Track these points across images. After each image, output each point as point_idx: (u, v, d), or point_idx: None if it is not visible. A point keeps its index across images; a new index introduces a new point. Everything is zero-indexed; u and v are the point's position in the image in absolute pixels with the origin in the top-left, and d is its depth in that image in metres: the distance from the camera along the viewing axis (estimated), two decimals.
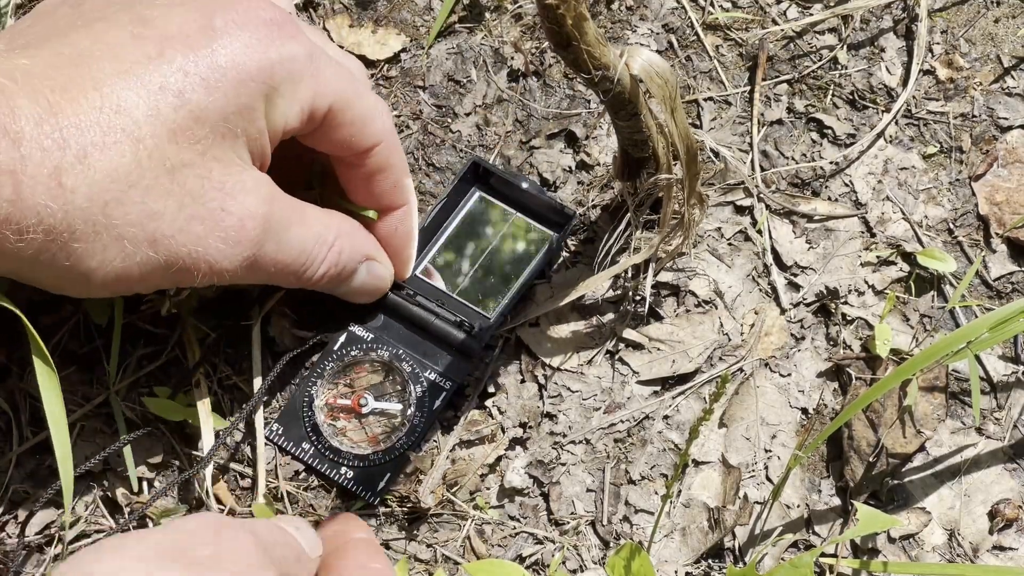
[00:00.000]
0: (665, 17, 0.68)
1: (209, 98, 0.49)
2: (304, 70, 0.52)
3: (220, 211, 0.50)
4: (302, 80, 0.52)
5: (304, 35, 0.53)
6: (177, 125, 0.48)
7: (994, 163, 0.67)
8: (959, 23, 0.69)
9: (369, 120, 0.55)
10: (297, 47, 0.51)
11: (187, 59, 0.49)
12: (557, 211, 0.63)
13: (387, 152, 0.57)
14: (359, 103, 0.55)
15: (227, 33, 0.50)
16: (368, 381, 0.61)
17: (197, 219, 0.49)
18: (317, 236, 0.55)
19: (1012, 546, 0.62)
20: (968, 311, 0.65)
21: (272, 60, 0.50)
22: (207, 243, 0.50)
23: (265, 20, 0.51)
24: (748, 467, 0.62)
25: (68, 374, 0.61)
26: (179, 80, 0.48)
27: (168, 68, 0.48)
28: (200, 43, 0.49)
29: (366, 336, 0.61)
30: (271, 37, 0.51)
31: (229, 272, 0.52)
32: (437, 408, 0.60)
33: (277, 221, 0.52)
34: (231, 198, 0.50)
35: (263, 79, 0.50)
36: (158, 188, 0.48)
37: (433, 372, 0.61)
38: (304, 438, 0.60)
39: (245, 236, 0.51)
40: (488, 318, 0.62)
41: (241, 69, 0.50)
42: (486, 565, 0.55)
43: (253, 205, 0.51)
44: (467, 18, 0.68)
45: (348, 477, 0.59)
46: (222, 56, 0.49)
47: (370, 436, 0.60)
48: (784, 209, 0.66)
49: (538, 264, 0.63)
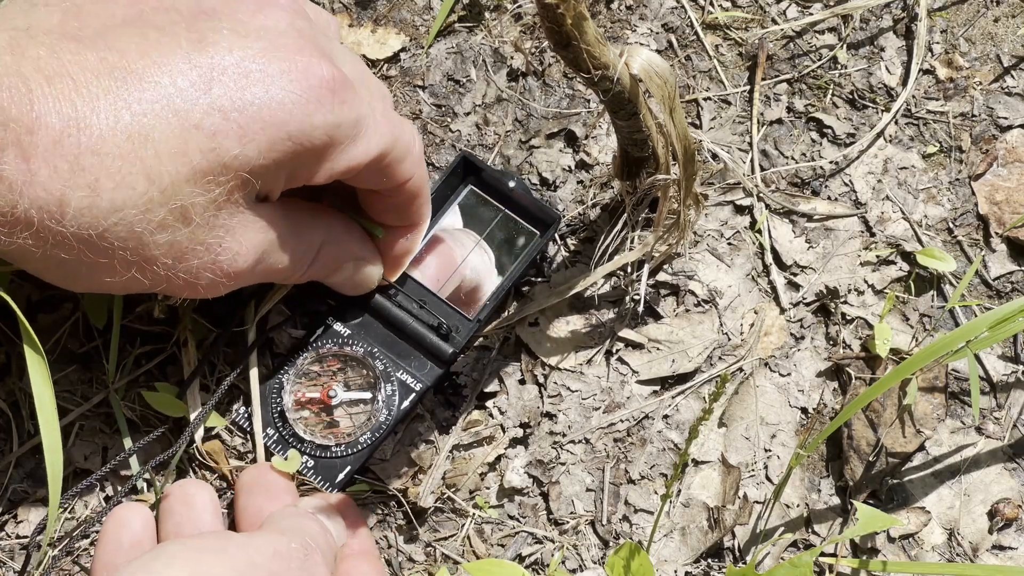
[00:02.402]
0: (665, 17, 0.68)
1: (241, 147, 0.46)
2: (348, 136, 0.50)
3: (218, 247, 0.49)
4: (344, 148, 0.50)
5: (357, 98, 0.50)
6: (201, 169, 0.46)
7: (994, 162, 0.67)
8: (959, 22, 0.69)
9: (404, 158, 0.54)
10: (347, 113, 0.49)
11: (233, 102, 0.46)
12: (544, 212, 0.62)
13: (418, 184, 0.56)
14: (397, 148, 0.53)
15: (280, 86, 0.47)
16: (340, 375, 0.61)
17: (193, 253, 0.48)
18: (309, 243, 0.55)
19: (1012, 545, 0.62)
20: (968, 310, 0.65)
21: (315, 126, 0.48)
22: (198, 274, 0.49)
23: (320, 81, 0.48)
24: (748, 467, 0.62)
25: (67, 373, 0.61)
26: (216, 122, 0.46)
27: (210, 106, 0.46)
28: (251, 88, 0.47)
29: (343, 331, 0.61)
30: (322, 100, 0.48)
31: (213, 294, 0.51)
32: (405, 408, 0.60)
33: (273, 247, 0.52)
34: (230, 236, 0.49)
35: (301, 141, 0.48)
36: (161, 223, 0.47)
37: (405, 372, 0.61)
38: (269, 423, 0.60)
39: (235, 268, 0.50)
40: (468, 319, 0.62)
41: (282, 128, 0.47)
42: (486, 565, 0.55)
43: (251, 241, 0.50)
44: (467, 17, 0.68)
45: (308, 466, 0.60)
46: (268, 110, 0.47)
47: (334, 429, 0.60)
48: (784, 209, 0.66)
49: (522, 266, 0.62)
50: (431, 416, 0.62)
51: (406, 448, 0.61)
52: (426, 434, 0.62)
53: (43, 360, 0.52)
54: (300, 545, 0.51)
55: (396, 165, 0.54)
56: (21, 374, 0.61)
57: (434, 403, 0.62)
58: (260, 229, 0.51)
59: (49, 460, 0.52)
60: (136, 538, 0.55)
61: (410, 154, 0.54)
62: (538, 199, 0.63)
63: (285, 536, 0.51)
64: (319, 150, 0.49)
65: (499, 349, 0.63)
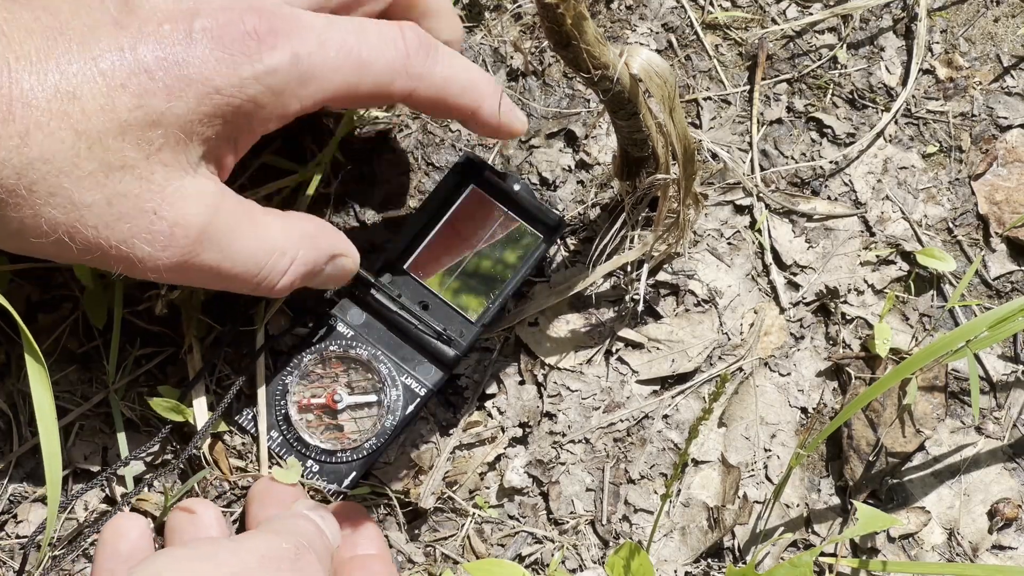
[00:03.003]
0: (664, 16, 0.68)
1: (168, 104, 0.48)
2: (286, 81, 0.50)
3: (152, 214, 0.49)
4: (284, 90, 0.50)
5: (292, 40, 0.50)
6: (129, 124, 0.47)
7: (993, 162, 0.67)
8: (959, 22, 0.69)
9: (389, 80, 0.53)
10: (278, 58, 0.50)
11: (157, 62, 0.48)
12: (547, 216, 0.62)
13: (433, 88, 0.54)
14: (369, 75, 0.52)
15: (201, 43, 0.48)
16: (344, 378, 0.61)
17: (125, 218, 0.48)
18: (273, 247, 0.53)
19: (1011, 545, 0.62)
20: (968, 310, 0.65)
21: (243, 77, 0.49)
22: (132, 242, 0.49)
23: (243, 32, 0.49)
24: (747, 466, 0.62)
25: (67, 373, 0.61)
26: (143, 82, 0.47)
27: (135, 66, 0.47)
28: (174, 47, 0.48)
29: (346, 332, 0.61)
30: (247, 52, 0.49)
31: (155, 273, 0.50)
32: (410, 413, 0.60)
33: (219, 230, 0.51)
34: (167, 203, 0.49)
35: (231, 93, 0.49)
36: (90, 181, 0.47)
37: (410, 377, 0.61)
38: (273, 426, 0.60)
39: (174, 242, 0.50)
40: (471, 323, 0.61)
41: (208, 83, 0.48)
42: (486, 564, 0.55)
43: (191, 212, 0.50)
44: (467, 17, 0.68)
45: (313, 471, 0.60)
46: (192, 67, 0.48)
47: (339, 433, 0.60)
48: (784, 208, 0.66)
49: (525, 270, 0.62)
50: (433, 418, 0.62)
51: (407, 449, 0.61)
52: (427, 435, 0.62)
53: (43, 368, 0.52)
54: (292, 546, 0.50)
55: (382, 90, 0.53)
56: (21, 374, 0.61)
57: (435, 404, 0.62)
58: (204, 202, 0.50)
59: (48, 465, 0.52)
60: (133, 547, 0.55)
61: (398, 72, 0.53)
62: (542, 203, 0.63)
63: (277, 537, 0.51)
64: (257, 100, 0.50)
65: (500, 350, 0.63)
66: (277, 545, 0.50)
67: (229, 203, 0.52)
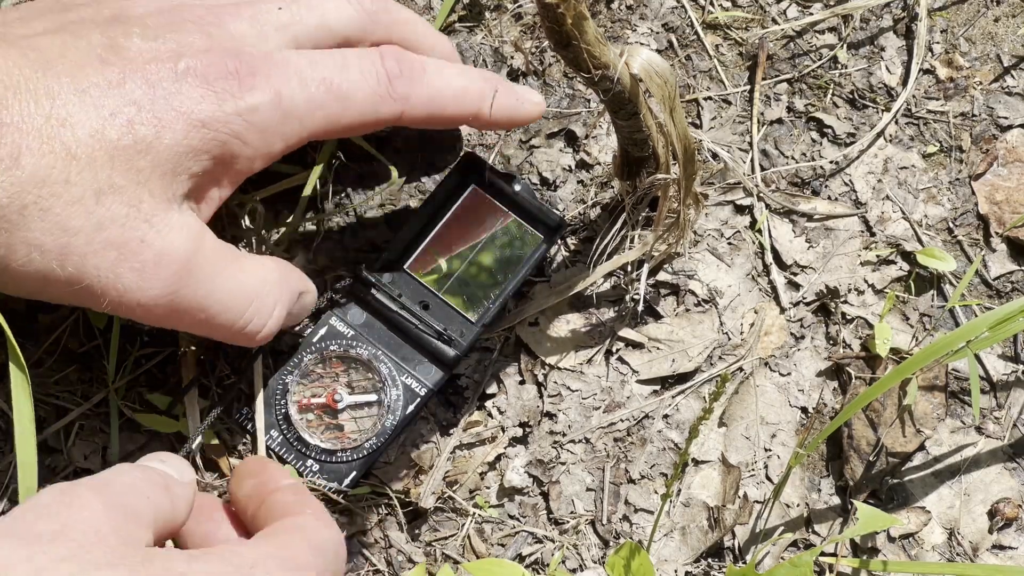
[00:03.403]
0: (665, 16, 0.68)
1: (157, 134, 0.49)
2: (269, 118, 0.51)
3: (139, 241, 0.49)
4: (267, 128, 0.52)
5: (271, 80, 0.52)
6: (119, 150, 0.48)
7: (994, 162, 0.67)
8: (959, 22, 0.69)
9: (375, 108, 0.54)
10: (259, 96, 0.51)
11: (145, 95, 0.49)
12: (548, 216, 0.62)
13: (421, 109, 0.55)
14: (351, 108, 0.54)
15: (187, 80, 0.50)
16: (344, 378, 0.61)
17: (113, 245, 0.49)
18: (256, 290, 0.54)
19: (1012, 545, 0.62)
20: (968, 310, 0.65)
21: (228, 112, 0.50)
22: (118, 271, 0.49)
23: (226, 72, 0.51)
24: (748, 466, 0.62)
25: (67, 373, 0.61)
26: (132, 112, 0.49)
27: (125, 98, 0.49)
28: (161, 83, 0.50)
29: (346, 332, 0.61)
30: (229, 91, 0.50)
31: (142, 307, 0.50)
32: (410, 413, 0.60)
33: (202, 265, 0.51)
34: (155, 231, 0.50)
35: (217, 128, 0.50)
36: (79, 206, 0.48)
37: (410, 377, 0.61)
38: (273, 425, 0.60)
39: (161, 272, 0.50)
40: (472, 323, 0.61)
41: (195, 116, 0.50)
42: (486, 564, 0.55)
43: (177, 243, 0.50)
44: (467, 17, 0.68)
45: (313, 470, 0.60)
46: (179, 101, 0.50)
47: (340, 433, 0.60)
48: (784, 208, 0.66)
49: (525, 271, 0.62)
50: (433, 417, 0.62)
51: (408, 449, 0.61)
52: (427, 435, 0.62)
53: (26, 379, 0.51)
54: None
55: (368, 118, 0.54)
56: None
57: (435, 404, 0.62)
58: (188, 235, 0.51)
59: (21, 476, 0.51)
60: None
61: (382, 98, 0.54)
62: (543, 203, 0.63)
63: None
64: (244, 135, 0.51)
65: (500, 350, 0.63)
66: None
67: (211, 242, 0.52)
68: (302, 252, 0.63)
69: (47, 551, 0.43)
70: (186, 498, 0.51)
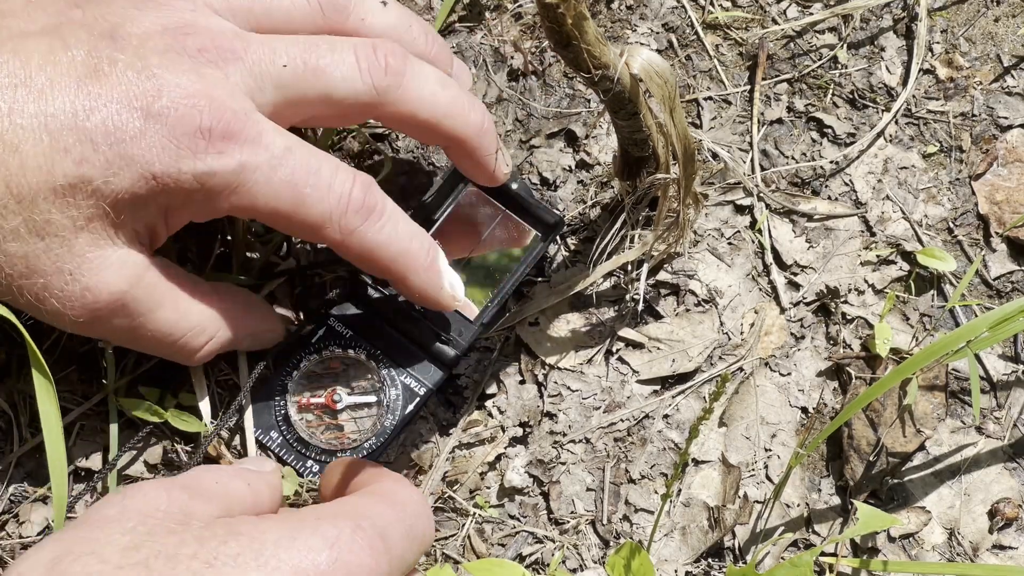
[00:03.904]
0: (665, 16, 0.68)
1: (104, 179, 0.48)
2: (226, 185, 0.50)
3: (67, 275, 0.49)
4: (223, 196, 0.50)
5: (242, 150, 0.50)
6: (62, 189, 0.47)
7: (994, 162, 0.67)
8: (959, 22, 0.69)
9: (327, 223, 0.53)
10: (222, 163, 0.49)
11: (105, 133, 0.48)
12: (546, 214, 0.62)
13: (371, 242, 0.54)
14: (302, 212, 0.52)
15: (153, 125, 0.48)
16: (344, 378, 0.61)
17: (40, 274, 0.49)
18: (191, 324, 0.54)
19: (1012, 545, 0.62)
20: (968, 310, 0.65)
21: (182, 170, 0.49)
22: (42, 296, 0.49)
23: (196, 128, 0.49)
24: (748, 466, 0.62)
25: (67, 373, 0.61)
26: (85, 151, 0.47)
27: (82, 134, 0.47)
28: (127, 122, 0.48)
29: (345, 332, 0.61)
30: (193, 148, 0.49)
31: (62, 326, 0.51)
32: (410, 413, 0.60)
33: (136, 300, 0.51)
34: (85, 268, 0.49)
35: (167, 182, 0.49)
36: (15, 234, 0.47)
37: (409, 376, 0.61)
38: (273, 427, 0.60)
39: (84, 303, 0.50)
40: (471, 322, 0.61)
41: (146, 167, 0.48)
42: (486, 564, 0.55)
43: (106, 280, 0.50)
44: (467, 17, 0.68)
45: (313, 471, 0.60)
46: (136, 146, 0.48)
47: (339, 433, 0.60)
48: (784, 208, 0.66)
49: (524, 269, 0.62)
50: (433, 417, 0.62)
51: (407, 449, 0.61)
52: (427, 435, 0.62)
53: (51, 384, 0.52)
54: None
55: (310, 233, 0.53)
56: (21, 374, 0.61)
57: (435, 404, 0.62)
58: (123, 273, 0.51)
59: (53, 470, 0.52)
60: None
61: (332, 223, 0.53)
62: (540, 201, 0.63)
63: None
64: (190, 193, 0.50)
65: (500, 350, 0.63)
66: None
67: (152, 276, 0.52)
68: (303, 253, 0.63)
69: (106, 528, 0.44)
70: (269, 484, 0.52)
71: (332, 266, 0.63)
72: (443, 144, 0.57)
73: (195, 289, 0.55)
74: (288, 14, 0.54)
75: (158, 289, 0.52)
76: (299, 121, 0.55)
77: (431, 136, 0.56)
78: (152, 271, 0.52)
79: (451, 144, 0.57)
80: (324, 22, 0.55)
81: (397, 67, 0.54)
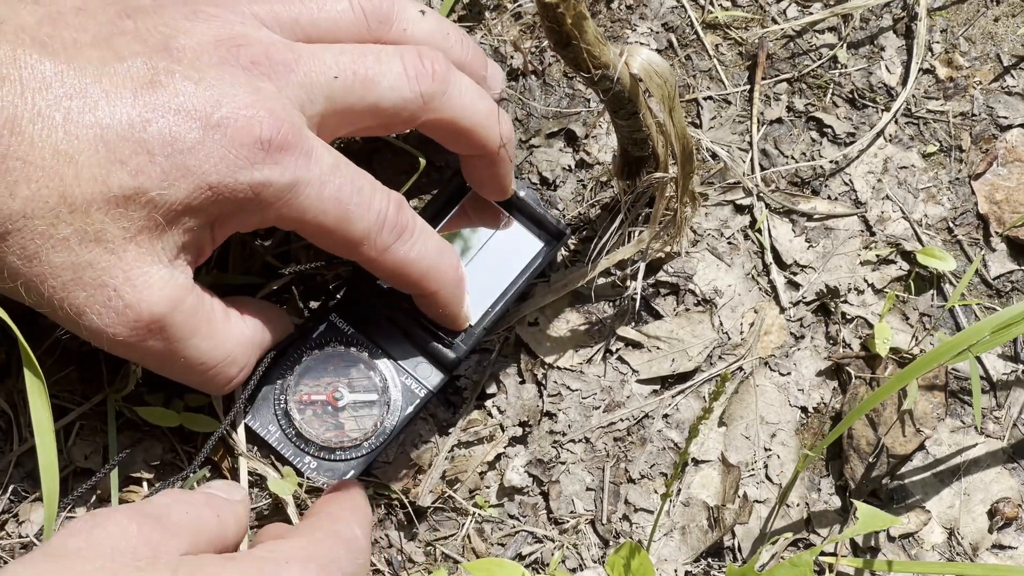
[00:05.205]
0: (664, 16, 0.68)
1: (159, 190, 0.48)
2: (279, 197, 0.50)
3: (112, 291, 0.49)
4: (274, 207, 0.50)
5: (299, 163, 0.50)
6: (116, 199, 0.47)
7: (994, 162, 0.67)
8: (959, 22, 0.69)
9: (371, 237, 0.53)
10: (278, 173, 0.49)
11: (163, 143, 0.48)
12: (551, 223, 0.62)
13: (403, 261, 0.55)
14: (349, 228, 0.52)
15: (212, 135, 0.48)
16: (345, 376, 0.61)
17: (84, 287, 0.48)
18: (226, 355, 0.54)
19: (1012, 545, 0.62)
20: (968, 310, 0.65)
21: (239, 180, 0.49)
22: (83, 311, 0.49)
23: (256, 138, 0.49)
24: (748, 466, 0.62)
25: (67, 373, 0.61)
26: (142, 162, 0.47)
27: (139, 145, 0.47)
28: (186, 132, 0.48)
29: (347, 330, 0.61)
30: (251, 159, 0.49)
31: (99, 343, 0.51)
32: (410, 414, 0.60)
33: (174, 325, 0.51)
34: (130, 284, 0.49)
35: (221, 191, 0.49)
36: (63, 246, 0.47)
37: (410, 378, 0.61)
38: (272, 421, 0.60)
39: (124, 322, 0.50)
40: (472, 326, 0.61)
41: (203, 177, 0.48)
42: (485, 564, 0.55)
43: (153, 300, 0.50)
44: (467, 17, 0.68)
45: (312, 467, 0.60)
46: (194, 158, 0.48)
47: (340, 431, 0.60)
48: (784, 208, 0.66)
49: (528, 276, 0.62)
50: (432, 417, 0.62)
51: (407, 448, 0.61)
52: (427, 435, 0.62)
53: (43, 384, 0.52)
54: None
55: (349, 250, 0.54)
56: (21, 374, 0.60)
57: (435, 404, 0.62)
58: (166, 294, 0.50)
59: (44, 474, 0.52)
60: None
61: (370, 240, 0.53)
62: (547, 209, 0.63)
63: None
64: (243, 202, 0.50)
65: (499, 350, 0.63)
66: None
67: (192, 300, 0.52)
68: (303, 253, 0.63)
69: (75, 565, 0.43)
70: (235, 514, 0.52)
71: (334, 264, 0.63)
72: (470, 152, 0.58)
73: (227, 315, 0.55)
74: (334, 24, 0.54)
75: (196, 315, 0.52)
76: (343, 132, 0.55)
77: (462, 144, 0.57)
78: (193, 295, 0.52)
79: (479, 153, 0.57)
80: (368, 33, 0.55)
81: (443, 74, 0.54)
